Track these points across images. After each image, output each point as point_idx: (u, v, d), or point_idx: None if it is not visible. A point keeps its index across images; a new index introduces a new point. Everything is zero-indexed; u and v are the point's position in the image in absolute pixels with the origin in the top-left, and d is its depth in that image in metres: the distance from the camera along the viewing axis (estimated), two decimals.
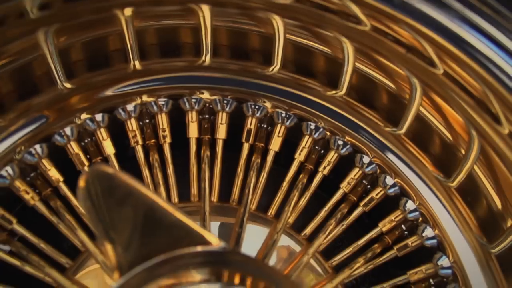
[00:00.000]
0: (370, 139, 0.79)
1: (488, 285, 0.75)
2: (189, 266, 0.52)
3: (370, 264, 0.77)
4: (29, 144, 0.75)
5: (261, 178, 0.77)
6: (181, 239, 0.55)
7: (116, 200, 0.54)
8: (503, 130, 0.73)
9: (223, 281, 0.50)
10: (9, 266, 0.74)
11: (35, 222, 0.76)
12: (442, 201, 0.78)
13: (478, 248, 0.77)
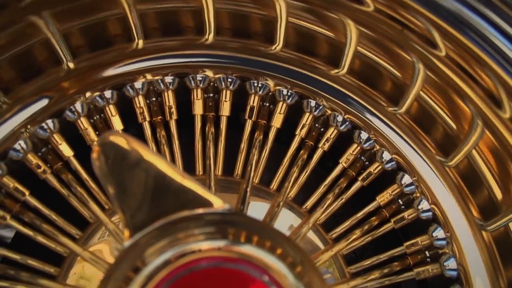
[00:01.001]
0: (369, 117, 0.84)
1: (482, 255, 0.80)
2: (196, 226, 0.57)
3: (368, 236, 0.82)
4: (35, 123, 0.79)
5: (263, 153, 0.82)
6: (188, 202, 0.59)
7: (128, 165, 0.58)
8: (504, 115, 0.78)
9: (229, 239, 0.55)
10: (22, 236, 0.79)
11: (46, 196, 0.81)
12: (438, 176, 0.82)
13: (472, 221, 0.81)
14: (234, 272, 0.53)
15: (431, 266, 0.81)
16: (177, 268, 0.53)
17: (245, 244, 0.55)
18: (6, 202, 0.78)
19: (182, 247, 0.55)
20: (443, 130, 0.84)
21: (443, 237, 0.81)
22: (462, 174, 0.84)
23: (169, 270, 0.53)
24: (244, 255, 0.54)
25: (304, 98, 0.83)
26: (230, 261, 0.53)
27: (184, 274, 0.53)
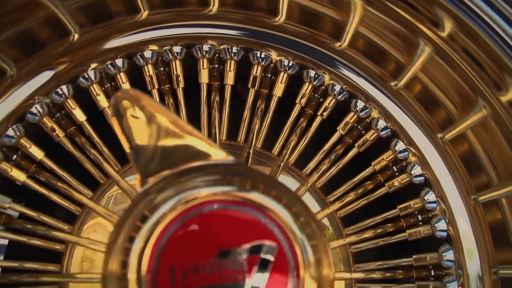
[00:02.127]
0: (366, 88, 0.90)
1: (470, 218, 0.86)
2: (203, 175, 0.63)
3: (363, 200, 0.88)
4: (49, 88, 0.85)
5: (265, 119, 0.88)
6: (196, 154, 0.66)
7: (141, 120, 0.65)
8: (504, 97, 0.83)
9: (234, 185, 0.61)
10: (37, 194, 0.85)
11: (59, 160, 0.87)
12: (431, 143, 0.89)
13: (463, 187, 0.88)
14: (240, 215, 0.60)
15: (422, 228, 0.87)
16: (185, 210, 0.59)
17: (251, 191, 0.61)
18: (23, 163, 0.85)
19: (189, 192, 0.61)
20: (441, 108, 0.90)
21: (434, 200, 0.87)
22: (454, 145, 0.90)
23: (178, 212, 0.59)
24: (249, 200, 0.60)
25: (304, 68, 0.90)
26: (235, 204, 0.60)
27: (192, 216, 0.59)
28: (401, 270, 0.87)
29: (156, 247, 0.59)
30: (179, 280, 0.57)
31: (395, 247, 0.92)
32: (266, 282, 0.58)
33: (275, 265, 0.59)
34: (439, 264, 0.86)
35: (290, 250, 0.61)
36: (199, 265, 0.57)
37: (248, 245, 0.58)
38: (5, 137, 0.81)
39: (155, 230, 0.60)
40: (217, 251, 0.58)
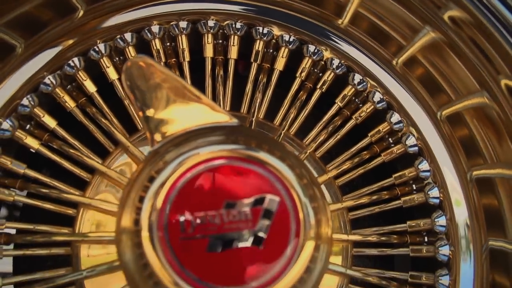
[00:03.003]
0: (364, 62, 0.95)
1: (461, 184, 0.91)
2: (211, 135, 0.68)
3: (360, 169, 0.94)
4: (61, 60, 0.90)
5: (267, 92, 0.93)
6: (203, 116, 0.71)
7: (154, 84, 0.70)
8: (502, 81, 0.88)
9: (240, 144, 0.66)
10: (50, 164, 0.90)
11: (69, 130, 0.93)
12: (425, 115, 0.94)
13: (456, 157, 0.93)
14: (245, 170, 0.65)
15: (416, 195, 0.93)
16: (192, 166, 0.65)
17: (256, 150, 0.66)
18: (36, 132, 0.89)
19: (197, 150, 0.66)
20: (441, 90, 0.95)
21: (427, 169, 0.93)
22: (449, 120, 0.95)
23: (186, 168, 0.65)
24: (254, 157, 0.65)
25: (304, 44, 0.95)
26: (241, 161, 0.65)
27: (199, 171, 0.64)
28: (396, 235, 0.93)
29: (166, 201, 0.64)
30: (188, 230, 0.62)
31: (390, 217, 0.98)
32: (268, 231, 0.63)
33: (277, 217, 0.64)
34: (432, 230, 0.92)
35: (292, 205, 0.66)
36: (207, 216, 0.62)
37: (252, 198, 0.64)
38: (20, 106, 0.87)
39: (165, 185, 0.65)
40: (224, 203, 0.63)
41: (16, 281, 0.84)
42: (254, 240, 0.62)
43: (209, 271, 0.61)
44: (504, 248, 0.90)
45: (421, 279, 0.91)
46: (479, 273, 0.88)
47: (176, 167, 0.65)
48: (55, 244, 0.87)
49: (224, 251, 0.61)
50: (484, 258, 0.92)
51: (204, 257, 0.61)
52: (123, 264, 0.65)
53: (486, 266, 0.91)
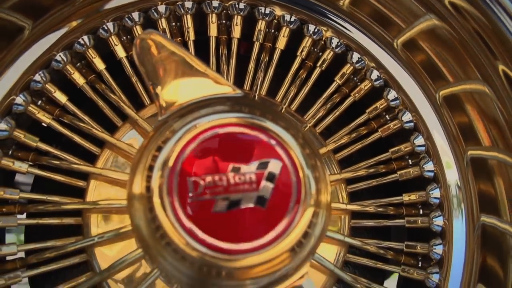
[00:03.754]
0: (363, 41, 1.00)
1: (455, 159, 0.96)
2: (217, 105, 0.72)
3: (358, 144, 0.98)
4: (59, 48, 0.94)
5: (269, 70, 0.98)
6: (210, 87, 0.75)
7: (163, 56, 0.74)
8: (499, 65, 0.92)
9: (245, 113, 0.70)
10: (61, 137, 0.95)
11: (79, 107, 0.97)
12: (421, 92, 0.98)
13: (451, 135, 0.97)
14: (250, 137, 0.69)
15: (412, 169, 0.98)
16: (200, 133, 0.69)
17: (260, 118, 0.71)
18: (48, 108, 0.94)
19: (204, 119, 0.71)
20: (439, 72, 0.99)
21: (422, 143, 0.97)
22: (445, 98, 1.00)
23: (194, 135, 0.69)
24: (259, 125, 0.70)
25: (305, 23, 0.99)
26: (246, 128, 0.69)
27: (206, 137, 0.69)
28: (392, 207, 0.98)
29: (175, 167, 0.68)
30: (196, 193, 0.67)
31: (386, 192, 1.02)
32: (271, 194, 0.68)
33: (280, 181, 0.68)
34: (427, 202, 0.97)
35: (294, 172, 0.70)
36: (213, 179, 0.67)
37: (256, 162, 0.68)
38: (33, 82, 0.91)
39: (174, 152, 0.69)
40: (229, 167, 0.67)
41: (29, 249, 0.89)
42: (258, 201, 0.67)
43: (216, 230, 0.65)
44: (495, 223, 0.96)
45: (416, 249, 0.96)
46: (471, 237, 0.94)
47: (184, 134, 0.70)
48: (66, 214, 0.92)
49: (230, 211, 0.66)
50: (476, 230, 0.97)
51: (212, 217, 0.66)
52: (136, 228, 0.70)
53: (477, 239, 0.97)
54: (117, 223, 0.89)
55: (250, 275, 0.68)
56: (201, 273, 0.67)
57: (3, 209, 0.90)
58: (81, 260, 0.90)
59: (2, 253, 0.86)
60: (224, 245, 0.66)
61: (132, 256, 0.81)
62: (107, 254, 0.89)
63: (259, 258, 0.67)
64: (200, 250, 0.65)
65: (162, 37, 0.75)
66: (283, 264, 0.69)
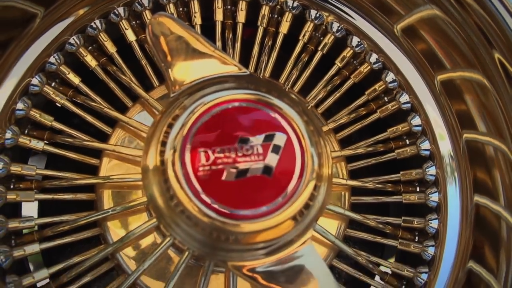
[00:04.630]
0: (363, 26, 1.06)
1: (449, 135, 1.02)
2: (225, 82, 0.78)
3: (358, 124, 1.04)
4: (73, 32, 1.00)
5: (273, 54, 1.04)
6: (218, 66, 0.81)
7: (174, 37, 0.80)
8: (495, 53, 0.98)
9: (252, 89, 0.76)
10: (73, 117, 1.01)
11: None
12: (419, 75, 1.04)
13: (448, 119, 1.03)
14: (257, 111, 0.75)
15: (409, 148, 1.03)
16: (209, 108, 0.75)
17: (266, 94, 0.76)
18: (62, 89, 0.99)
19: (213, 95, 0.76)
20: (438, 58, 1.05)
21: (419, 124, 1.03)
22: (441, 82, 1.06)
23: (204, 110, 0.75)
24: (265, 101, 0.76)
25: (307, 9, 1.04)
26: (253, 103, 0.75)
27: (216, 112, 0.75)
28: (390, 184, 1.04)
29: (187, 140, 0.74)
30: (207, 163, 0.72)
31: (384, 171, 1.08)
32: (276, 164, 0.73)
33: (284, 152, 0.74)
34: (423, 179, 1.03)
35: (298, 144, 0.76)
36: (223, 149, 0.73)
37: (263, 135, 0.74)
38: (48, 64, 0.97)
39: (185, 126, 0.75)
40: (238, 139, 0.73)
41: (45, 222, 0.95)
42: (264, 170, 0.73)
43: (226, 197, 0.71)
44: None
45: (413, 223, 1.02)
46: (464, 213, 1.00)
47: (194, 110, 0.75)
48: (80, 190, 0.98)
49: (238, 180, 0.72)
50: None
51: (222, 185, 0.71)
52: (151, 198, 0.75)
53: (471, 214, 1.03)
54: (129, 198, 0.95)
55: (255, 240, 0.74)
56: (211, 238, 0.73)
57: (20, 185, 0.96)
58: (94, 234, 0.96)
59: (21, 226, 0.92)
60: (232, 211, 0.71)
61: (144, 226, 0.88)
62: (120, 228, 0.95)
63: (264, 224, 0.73)
64: (211, 216, 0.71)
65: (173, 19, 0.81)
66: (286, 231, 0.75)
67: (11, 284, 0.87)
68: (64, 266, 0.92)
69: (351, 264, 1.03)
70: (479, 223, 1.02)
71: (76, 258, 0.93)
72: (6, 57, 0.94)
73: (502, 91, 0.98)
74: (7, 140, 0.93)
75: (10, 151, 0.95)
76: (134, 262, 0.94)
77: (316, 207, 0.79)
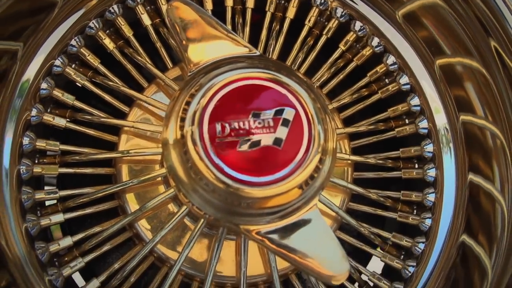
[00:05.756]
0: (365, 12, 1.14)
1: (445, 113, 1.11)
2: (238, 62, 0.87)
3: (360, 105, 1.13)
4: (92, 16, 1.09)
5: (280, 37, 1.12)
6: (231, 47, 0.89)
7: (190, 20, 0.88)
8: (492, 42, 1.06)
9: (263, 68, 0.84)
10: (92, 98, 1.10)
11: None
12: (418, 59, 1.13)
13: (447, 103, 1.12)
14: (268, 88, 0.84)
15: (408, 126, 1.13)
16: (224, 85, 0.83)
17: (276, 73, 0.85)
18: (82, 70, 1.08)
19: (227, 74, 0.85)
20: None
21: (417, 103, 1.12)
22: (440, 66, 1.14)
23: (219, 87, 0.83)
24: (275, 79, 0.84)
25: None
26: (265, 81, 0.84)
27: (230, 89, 0.83)
28: (390, 161, 1.13)
29: (204, 114, 0.83)
30: (223, 135, 0.81)
31: (385, 148, 1.17)
32: (286, 136, 0.82)
33: (293, 125, 0.83)
34: (421, 156, 1.12)
35: (306, 119, 0.85)
36: (238, 123, 0.81)
37: (273, 109, 0.83)
38: (70, 46, 1.06)
39: (201, 102, 0.83)
40: (251, 113, 0.82)
41: (67, 194, 1.04)
42: (275, 141, 0.82)
43: (240, 165, 0.80)
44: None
45: (411, 197, 1.11)
46: (460, 186, 1.09)
47: (210, 87, 0.84)
48: (99, 165, 1.07)
49: (252, 150, 0.81)
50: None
51: (236, 155, 0.80)
52: (171, 169, 0.84)
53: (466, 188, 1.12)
54: (146, 172, 1.04)
55: (265, 205, 0.83)
56: (227, 203, 0.82)
57: (44, 159, 1.05)
58: (114, 205, 1.06)
59: (47, 197, 1.01)
60: (245, 179, 0.80)
61: (162, 197, 0.97)
62: (138, 199, 1.04)
63: (273, 191, 0.82)
64: (227, 183, 0.80)
65: (189, 4, 0.90)
66: (293, 198, 0.84)
67: (39, 249, 0.97)
68: (86, 235, 1.02)
69: (353, 236, 1.13)
70: (472, 198, 1.12)
71: (96, 228, 1.03)
72: (32, 41, 1.03)
73: (498, 78, 1.06)
74: (32, 117, 1.02)
75: (34, 127, 1.04)
76: (151, 232, 1.04)
77: (321, 178, 0.88)
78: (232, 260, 1.04)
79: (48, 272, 0.97)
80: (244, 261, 0.99)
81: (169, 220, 0.97)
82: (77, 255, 1.01)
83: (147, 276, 1.07)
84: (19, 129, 1.00)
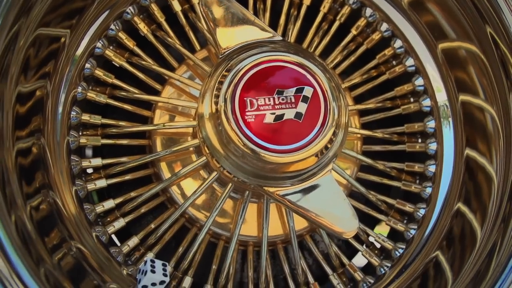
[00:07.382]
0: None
1: (447, 96, 1.27)
2: (264, 46, 1.03)
3: (369, 84, 1.30)
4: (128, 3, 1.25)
5: (297, 22, 1.29)
6: (257, 32, 1.06)
7: (222, 8, 1.05)
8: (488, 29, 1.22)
9: (285, 52, 1.01)
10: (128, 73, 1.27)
11: None
12: (423, 42, 1.29)
13: (449, 85, 1.28)
14: (290, 69, 1.01)
15: (412, 104, 1.30)
16: (252, 66, 1.00)
17: (297, 56, 1.02)
18: (118, 52, 1.25)
19: (255, 57, 1.02)
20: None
21: (422, 84, 1.29)
22: (442, 49, 1.30)
23: (248, 68, 1.00)
24: (295, 61, 1.01)
25: None
26: (287, 63, 1.01)
27: (257, 70, 1.00)
28: (396, 135, 1.29)
29: (235, 91, 1.00)
30: (252, 109, 0.98)
31: (392, 125, 1.33)
32: (305, 111, 0.99)
33: (311, 102, 1.00)
34: (424, 131, 1.29)
35: (322, 97, 1.01)
36: (264, 99, 0.99)
37: (295, 88, 1.00)
38: (109, 30, 1.22)
39: (233, 81, 1.00)
40: (275, 90, 0.99)
41: (108, 163, 1.21)
42: (296, 115, 0.99)
43: (266, 135, 0.98)
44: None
45: (414, 168, 1.29)
46: (457, 159, 1.27)
47: (239, 68, 1.01)
48: (135, 136, 1.24)
49: (276, 122, 0.98)
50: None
51: (263, 126, 0.98)
52: (205, 138, 1.02)
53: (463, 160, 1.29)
54: (178, 143, 1.21)
55: (286, 170, 1.01)
56: (253, 167, 1.00)
57: (87, 131, 1.22)
58: (149, 173, 1.23)
59: (91, 165, 1.18)
60: (270, 146, 0.98)
61: (194, 164, 1.14)
62: (171, 167, 1.21)
63: (293, 158, 0.99)
64: (254, 150, 0.98)
65: None
66: (310, 164, 1.02)
67: (87, 210, 1.14)
68: (124, 198, 1.20)
69: (362, 203, 1.30)
70: (469, 169, 1.29)
71: (132, 193, 1.21)
72: (78, 27, 1.19)
73: (493, 63, 1.21)
74: (78, 94, 1.20)
75: (79, 103, 1.21)
76: (183, 196, 1.21)
77: (334, 148, 1.05)
78: (255, 221, 1.22)
79: (95, 229, 1.16)
80: (266, 222, 1.17)
81: (200, 185, 1.14)
82: (118, 216, 1.19)
83: (179, 236, 1.25)
84: (67, 104, 1.18)
